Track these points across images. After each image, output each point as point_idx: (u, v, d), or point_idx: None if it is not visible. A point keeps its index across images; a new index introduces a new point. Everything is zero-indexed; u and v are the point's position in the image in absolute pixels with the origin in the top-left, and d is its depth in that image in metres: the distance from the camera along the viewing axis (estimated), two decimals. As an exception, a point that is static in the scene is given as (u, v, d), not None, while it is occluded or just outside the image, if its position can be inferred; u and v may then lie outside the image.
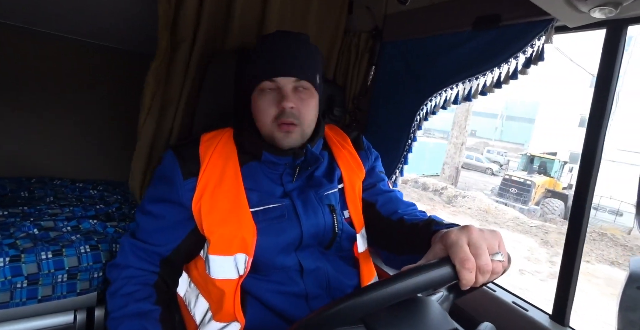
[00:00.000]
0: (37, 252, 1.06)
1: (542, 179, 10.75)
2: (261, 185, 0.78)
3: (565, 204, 9.99)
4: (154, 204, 0.78)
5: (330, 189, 0.83)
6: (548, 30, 0.88)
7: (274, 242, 0.75)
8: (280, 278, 0.77)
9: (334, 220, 0.80)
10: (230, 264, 0.73)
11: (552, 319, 0.92)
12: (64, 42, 1.72)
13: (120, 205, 1.52)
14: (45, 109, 1.76)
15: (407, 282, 0.45)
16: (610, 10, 0.68)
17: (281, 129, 0.75)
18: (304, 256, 0.78)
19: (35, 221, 1.22)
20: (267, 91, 0.75)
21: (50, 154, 1.82)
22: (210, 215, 0.73)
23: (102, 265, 1.13)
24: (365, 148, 0.94)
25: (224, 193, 0.74)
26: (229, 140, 0.81)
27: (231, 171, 0.76)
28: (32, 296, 1.05)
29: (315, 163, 0.80)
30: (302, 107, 0.76)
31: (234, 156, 0.78)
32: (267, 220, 0.75)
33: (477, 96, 1.07)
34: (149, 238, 0.78)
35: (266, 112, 0.75)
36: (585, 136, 0.88)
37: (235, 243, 0.72)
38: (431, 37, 1.20)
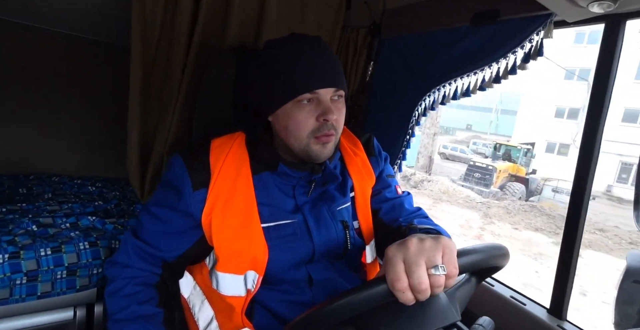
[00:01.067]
0: (36, 249, 1.05)
1: (505, 164, 11.78)
2: (273, 198, 0.74)
3: (526, 187, 11.32)
4: (161, 208, 0.75)
5: (343, 204, 0.81)
6: (547, 25, 0.88)
7: (285, 260, 0.73)
8: (288, 288, 0.76)
9: (346, 236, 0.78)
10: (239, 282, 0.71)
11: (550, 313, 0.93)
12: (60, 38, 1.71)
13: (119, 202, 1.52)
14: (42, 105, 1.76)
15: (345, 300, 0.46)
16: (609, 4, 0.68)
17: (318, 140, 0.70)
18: (314, 269, 0.77)
19: (33, 218, 1.22)
20: (303, 104, 0.69)
21: (48, 151, 1.81)
22: (221, 230, 0.70)
23: (101, 261, 1.13)
24: (376, 153, 0.91)
25: (236, 207, 0.71)
26: (241, 147, 0.76)
27: (243, 182, 0.72)
28: (32, 293, 1.05)
29: (332, 181, 0.78)
30: (340, 117, 0.72)
31: (246, 165, 0.74)
32: (278, 237, 0.73)
33: (476, 91, 1.07)
34: (153, 241, 0.75)
35: (304, 125, 0.69)
36: (584, 130, 0.88)
37: (247, 260, 0.70)
38: (429, 32, 1.20)
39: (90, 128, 1.88)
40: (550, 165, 14.61)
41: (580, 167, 0.88)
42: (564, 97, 16.13)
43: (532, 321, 0.93)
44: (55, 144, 1.82)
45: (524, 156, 12.48)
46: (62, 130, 1.82)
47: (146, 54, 1.03)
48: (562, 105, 16.40)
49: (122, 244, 0.77)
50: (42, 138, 1.78)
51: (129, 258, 0.75)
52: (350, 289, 0.48)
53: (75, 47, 1.76)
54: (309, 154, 0.71)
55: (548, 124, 16.53)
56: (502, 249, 0.60)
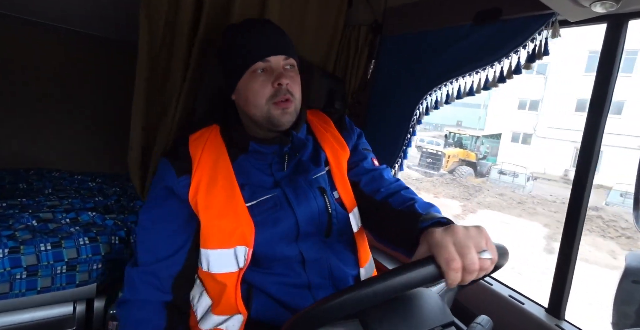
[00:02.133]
0: (36, 244, 1.06)
1: (456, 150, 13.79)
2: (252, 179, 0.78)
3: (475, 170, 13.51)
4: (152, 209, 0.77)
5: (317, 172, 0.83)
6: (550, 25, 0.88)
7: (271, 233, 0.75)
8: (282, 270, 0.77)
9: (325, 202, 0.80)
10: (230, 256, 0.73)
11: (548, 312, 0.93)
12: (61, 34, 1.70)
13: (119, 198, 1.52)
14: (43, 101, 1.76)
15: (392, 281, 0.46)
16: (611, 4, 0.67)
17: (278, 106, 0.75)
18: (306, 247, 0.78)
19: (33, 213, 1.23)
20: (257, 73, 0.76)
21: (49, 147, 1.81)
22: (207, 210, 0.73)
23: (101, 257, 1.14)
24: (347, 127, 0.94)
25: (219, 190, 0.74)
26: (217, 137, 0.82)
27: (223, 167, 0.77)
28: (32, 287, 1.05)
29: (302, 148, 0.82)
30: (293, 84, 0.78)
31: (223, 152, 0.79)
32: (262, 213, 0.76)
33: (481, 91, 1.06)
34: (157, 253, 0.75)
35: (261, 92, 0.75)
36: (585, 127, 0.88)
37: (235, 236, 0.72)
38: (431, 30, 1.19)
39: (91, 124, 1.88)
40: (515, 154, 16.21)
41: (580, 167, 0.88)
42: (525, 90, 17.09)
43: (530, 320, 0.93)
44: (56, 140, 1.82)
45: (474, 143, 14.77)
46: (63, 126, 1.83)
47: (151, 51, 1.03)
48: (524, 98, 17.60)
49: (126, 280, 0.76)
50: (43, 134, 1.79)
51: (137, 292, 0.74)
52: (396, 268, 0.47)
53: (76, 43, 1.76)
54: (271, 121, 0.76)
55: (512, 115, 17.92)
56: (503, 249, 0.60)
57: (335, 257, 0.81)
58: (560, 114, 15.75)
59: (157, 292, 0.75)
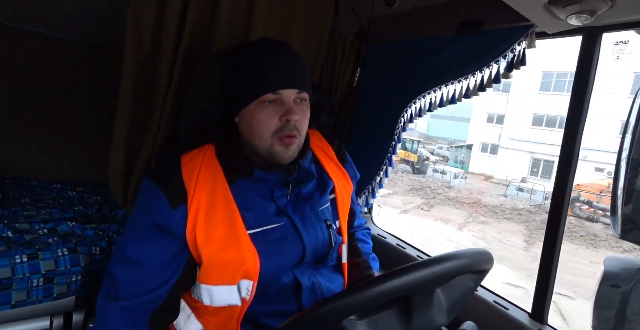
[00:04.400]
0: (11, 256, 1.02)
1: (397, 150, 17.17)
2: (253, 204, 0.74)
3: (413, 167, 17.25)
4: (138, 245, 0.69)
5: (323, 204, 0.82)
6: (528, 36, 0.91)
7: (277, 263, 0.73)
8: (276, 298, 0.75)
9: (330, 234, 0.80)
10: (233, 292, 0.70)
11: (531, 317, 0.95)
12: (40, 40, 1.67)
13: (100, 207, 1.48)
14: (20, 107, 1.71)
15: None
16: (586, 17, 0.70)
17: (281, 142, 0.71)
18: (300, 272, 0.77)
19: (9, 224, 1.18)
20: (266, 104, 0.71)
21: (26, 154, 1.76)
22: (207, 244, 0.67)
23: (80, 268, 1.10)
24: (348, 161, 0.94)
25: (219, 218, 0.69)
26: (213, 159, 0.76)
27: (221, 193, 0.71)
28: (5, 301, 1.01)
29: (308, 180, 0.79)
30: (303, 119, 0.74)
31: (220, 176, 0.73)
32: (267, 242, 0.72)
33: (462, 99, 1.09)
34: (137, 289, 0.68)
35: (266, 125, 0.71)
36: (563, 139, 0.91)
37: (240, 271, 0.68)
38: (415, 40, 1.22)
39: (71, 131, 1.83)
40: (483, 162, 19.58)
41: (560, 175, 0.91)
42: (492, 106, 19.66)
43: (514, 325, 0.94)
44: (34, 147, 1.77)
45: (413, 146, 18.25)
46: (42, 133, 1.77)
47: (138, 59, 1.02)
48: (492, 112, 19.96)
49: (99, 315, 0.70)
50: (20, 141, 1.73)
51: (112, 325, 0.68)
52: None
53: (57, 49, 1.72)
54: (272, 155, 0.73)
55: (481, 128, 20.53)
56: (486, 255, 0.61)
57: (326, 282, 0.80)
58: (519, 128, 17.83)
59: (134, 327, 0.69)
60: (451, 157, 21.34)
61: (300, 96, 0.73)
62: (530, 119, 17.71)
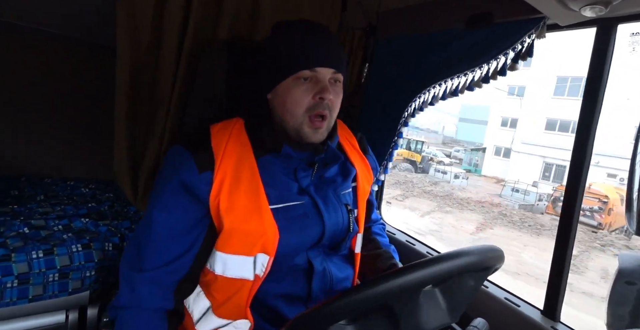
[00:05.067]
0: (27, 251, 1.04)
1: (401, 150, 17.13)
2: (278, 181, 0.74)
3: (415, 167, 18.06)
4: (164, 209, 0.69)
5: (346, 188, 0.82)
6: (540, 28, 0.89)
7: (295, 241, 0.72)
8: (287, 280, 0.75)
9: (349, 220, 0.80)
10: (249, 263, 0.70)
11: (544, 314, 0.94)
12: (52, 39, 1.69)
13: (113, 204, 1.51)
14: (34, 106, 1.74)
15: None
16: (600, 8, 0.68)
17: (312, 124, 0.72)
18: (314, 255, 0.76)
19: (25, 220, 1.21)
20: (301, 80, 0.71)
21: (40, 152, 1.79)
22: (230, 212, 0.68)
23: (94, 264, 1.12)
24: (370, 153, 0.95)
25: (243, 189, 0.70)
26: (242, 132, 0.76)
27: (247, 165, 0.72)
28: (23, 296, 1.04)
29: (334, 161, 0.79)
30: (336, 100, 0.74)
31: (248, 149, 0.73)
32: (288, 219, 0.72)
33: (464, 91, 1.07)
34: (161, 258, 0.69)
35: (300, 102, 0.71)
36: (575, 137, 0.89)
37: (258, 244, 0.69)
38: (424, 34, 1.20)
39: (83, 129, 1.86)
40: (494, 165, 19.80)
41: (573, 167, 0.89)
42: (507, 110, 20.01)
43: (526, 322, 0.93)
44: (48, 146, 1.80)
45: (417, 147, 18.97)
46: (55, 131, 1.81)
47: (135, 56, 1.01)
48: (506, 116, 20.19)
49: (124, 283, 0.70)
50: (34, 139, 1.76)
51: (141, 300, 0.68)
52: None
53: (67, 47, 1.75)
54: (300, 135, 0.73)
55: (496, 132, 20.73)
56: (498, 251, 0.60)
57: (337, 270, 0.80)
58: (532, 132, 17.91)
59: (161, 300, 0.70)
60: (465, 160, 21.80)
61: (336, 77, 0.74)
62: (543, 124, 17.64)
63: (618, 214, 10.43)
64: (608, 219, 10.31)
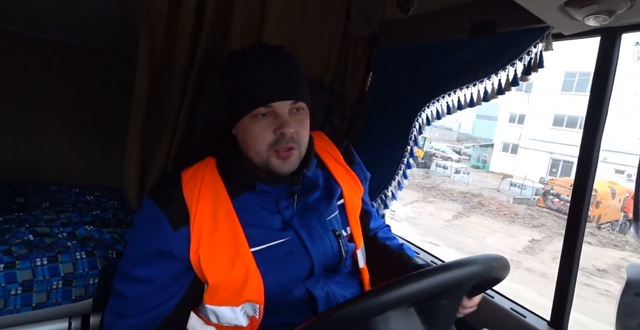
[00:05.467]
0: (32, 259, 1.05)
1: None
2: (258, 219, 0.72)
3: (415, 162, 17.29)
4: (141, 266, 0.68)
5: (331, 213, 0.80)
6: (544, 38, 0.89)
7: (283, 279, 0.71)
8: (289, 311, 0.73)
9: (339, 245, 0.77)
10: (238, 313, 0.68)
11: (550, 325, 0.92)
12: (60, 47, 1.72)
13: (117, 211, 1.51)
14: (41, 114, 1.76)
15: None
16: (604, 18, 0.68)
17: (279, 155, 0.69)
18: (312, 284, 0.75)
19: (30, 227, 1.21)
20: (259, 117, 0.68)
21: (46, 160, 1.81)
22: (212, 266, 0.66)
23: (98, 271, 1.12)
24: (357, 162, 0.92)
25: (222, 236, 0.67)
26: (214, 174, 0.73)
27: (224, 211, 0.69)
28: (27, 303, 1.04)
29: (313, 190, 0.77)
30: (300, 130, 0.71)
31: (222, 192, 0.71)
32: (272, 259, 0.70)
33: (481, 102, 1.07)
34: (142, 306, 0.68)
35: (261, 139, 0.68)
36: (582, 141, 0.88)
37: (244, 294, 0.67)
38: (428, 43, 1.21)
39: (88, 137, 1.88)
40: (502, 161, 19.71)
41: (579, 179, 0.88)
42: (514, 106, 19.75)
43: (532, 334, 0.92)
44: (54, 153, 1.82)
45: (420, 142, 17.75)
46: (61, 139, 1.83)
47: (151, 65, 1.03)
48: (514, 112, 20.04)
49: (107, 329, 0.70)
50: (40, 147, 1.78)
51: None
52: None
53: (75, 56, 1.77)
54: (270, 169, 0.70)
55: (503, 127, 20.70)
56: (503, 260, 0.59)
57: (341, 290, 0.79)
58: (539, 128, 17.96)
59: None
60: (474, 156, 21.79)
61: (296, 106, 0.70)
62: (551, 120, 17.69)
63: (607, 207, 10.49)
64: (596, 212, 10.37)
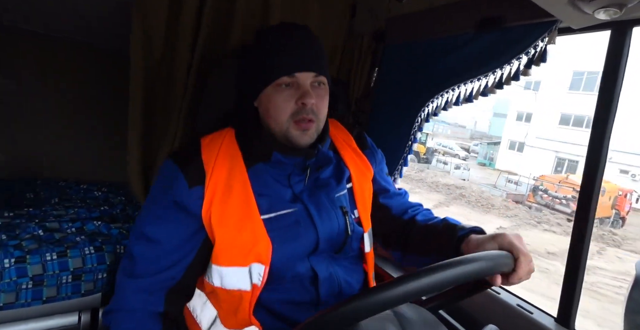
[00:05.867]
0: (42, 254, 1.06)
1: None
2: (269, 190, 0.74)
3: (418, 157, 19.14)
4: (156, 224, 0.71)
5: (340, 191, 0.81)
6: (552, 32, 0.88)
7: (289, 250, 0.72)
8: (291, 287, 0.74)
9: (346, 222, 0.78)
10: (244, 274, 0.70)
11: (557, 322, 0.91)
12: (68, 44, 1.74)
13: (125, 207, 1.53)
14: (50, 111, 1.78)
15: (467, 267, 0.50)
16: (615, 11, 0.67)
17: (299, 126, 0.71)
18: (317, 261, 0.75)
19: (40, 222, 1.23)
20: (283, 87, 0.71)
21: (54, 156, 1.83)
22: (221, 224, 0.68)
23: (106, 266, 1.14)
24: (369, 146, 0.93)
25: (234, 200, 0.70)
26: (232, 142, 0.76)
27: (238, 176, 0.72)
28: (37, 297, 1.06)
29: (326, 164, 0.78)
30: (320, 104, 0.73)
31: (239, 159, 0.74)
32: (280, 228, 0.72)
33: (478, 97, 1.07)
34: (153, 266, 0.70)
35: (283, 108, 0.71)
36: (590, 139, 0.87)
37: (252, 254, 0.69)
38: (433, 39, 1.20)
39: (96, 133, 1.90)
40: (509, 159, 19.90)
41: (587, 177, 0.87)
42: (523, 104, 20.10)
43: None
44: (63, 149, 1.84)
45: (422, 138, 19.02)
46: (70, 135, 1.85)
47: (148, 61, 1.04)
48: (521, 110, 20.43)
49: (118, 289, 0.72)
50: (49, 143, 1.81)
51: (128, 302, 0.70)
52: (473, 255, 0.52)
53: (82, 52, 1.79)
54: (289, 139, 0.73)
55: (511, 126, 21.02)
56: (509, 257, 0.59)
57: (345, 274, 0.79)
58: (546, 126, 18.23)
59: (150, 305, 0.71)
60: (481, 154, 22.59)
61: (318, 80, 0.73)
62: (557, 118, 17.88)
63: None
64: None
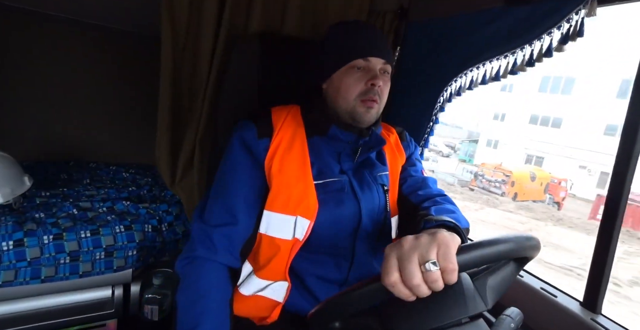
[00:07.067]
0: (77, 231, 1.12)
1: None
2: (322, 160, 0.80)
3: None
4: (237, 173, 0.77)
5: (382, 171, 0.87)
6: (589, 2, 0.82)
7: (333, 215, 0.77)
8: (327, 261, 0.79)
9: (386, 199, 0.84)
10: (290, 223, 0.75)
11: (583, 306, 0.90)
12: (95, 29, 1.77)
13: (151, 188, 1.58)
14: (80, 95, 1.84)
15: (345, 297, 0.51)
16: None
17: (364, 104, 0.78)
18: (360, 243, 0.80)
19: (74, 202, 1.30)
20: (355, 69, 0.78)
21: (86, 138, 1.90)
22: (280, 174, 0.75)
23: (135, 244, 1.20)
24: (407, 139, 0.98)
25: (293, 158, 0.77)
26: (297, 115, 0.84)
27: (299, 140, 0.80)
28: (74, 271, 1.12)
29: (377, 146, 0.83)
30: (385, 89, 0.81)
31: (301, 129, 0.82)
32: (327, 192, 0.78)
33: (507, 76, 1.01)
34: (236, 216, 0.75)
35: (353, 88, 0.78)
36: (621, 136, 0.83)
37: (301, 206, 0.74)
38: (459, 15, 1.15)
39: (124, 116, 1.95)
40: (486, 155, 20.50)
41: (620, 160, 0.83)
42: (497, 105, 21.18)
43: (563, 314, 0.90)
44: (93, 132, 1.91)
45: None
46: (99, 119, 1.91)
47: (175, 43, 1.05)
48: (497, 111, 21.49)
49: (200, 237, 0.74)
50: (80, 126, 1.87)
51: (215, 253, 0.73)
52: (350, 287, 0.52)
53: (109, 36, 1.82)
54: (353, 116, 0.79)
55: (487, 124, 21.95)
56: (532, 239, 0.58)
57: (378, 265, 0.82)
58: (517, 125, 19.41)
59: (231, 258, 0.75)
60: (462, 151, 23.57)
61: (385, 68, 0.81)
62: (528, 118, 19.18)
63: (524, 187, 13.02)
64: (511, 190, 12.97)
